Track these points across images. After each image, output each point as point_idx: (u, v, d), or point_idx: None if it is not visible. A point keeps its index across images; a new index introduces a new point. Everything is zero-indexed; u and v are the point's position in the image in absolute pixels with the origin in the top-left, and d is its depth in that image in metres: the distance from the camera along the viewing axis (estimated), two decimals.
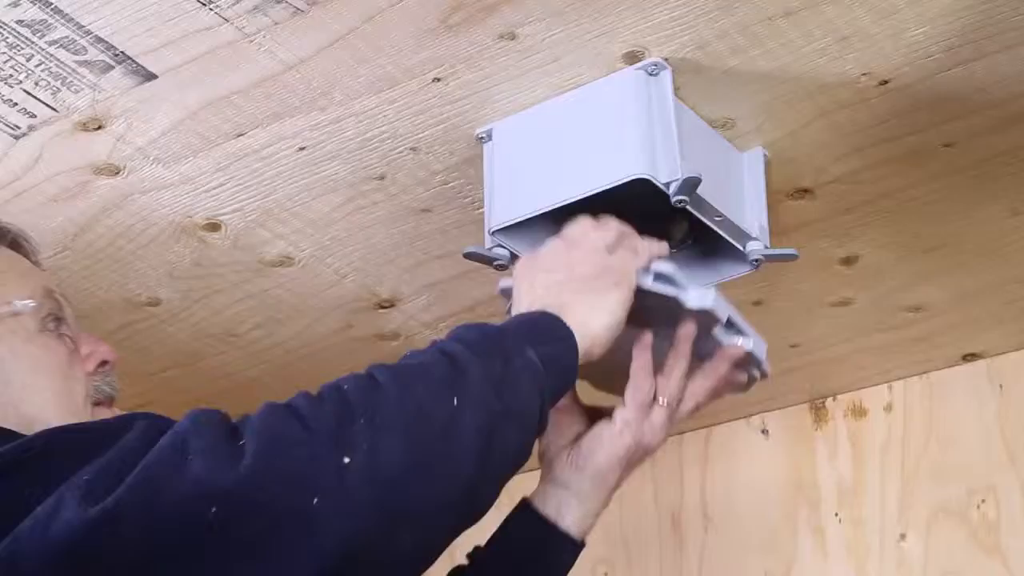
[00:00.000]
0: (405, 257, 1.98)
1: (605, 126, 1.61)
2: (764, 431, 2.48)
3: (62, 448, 1.18)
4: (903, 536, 2.29)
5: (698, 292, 1.52)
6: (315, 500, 1.10)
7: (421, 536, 1.19)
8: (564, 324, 1.38)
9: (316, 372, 2.25)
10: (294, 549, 1.10)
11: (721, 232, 1.64)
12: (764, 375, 1.64)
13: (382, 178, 1.81)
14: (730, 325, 1.58)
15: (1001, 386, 2.29)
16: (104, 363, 1.51)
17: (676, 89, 1.61)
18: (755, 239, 1.68)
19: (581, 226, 1.51)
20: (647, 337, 1.54)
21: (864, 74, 1.62)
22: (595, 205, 1.56)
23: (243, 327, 2.15)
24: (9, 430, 1.32)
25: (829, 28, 1.55)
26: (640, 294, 1.50)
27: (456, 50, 1.59)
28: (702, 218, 1.62)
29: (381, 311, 2.11)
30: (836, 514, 2.36)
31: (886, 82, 1.63)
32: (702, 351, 1.57)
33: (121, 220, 1.86)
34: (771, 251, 1.69)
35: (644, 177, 1.54)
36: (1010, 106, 1.68)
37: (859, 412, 2.40)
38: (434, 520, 1.19)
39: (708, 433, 2.53)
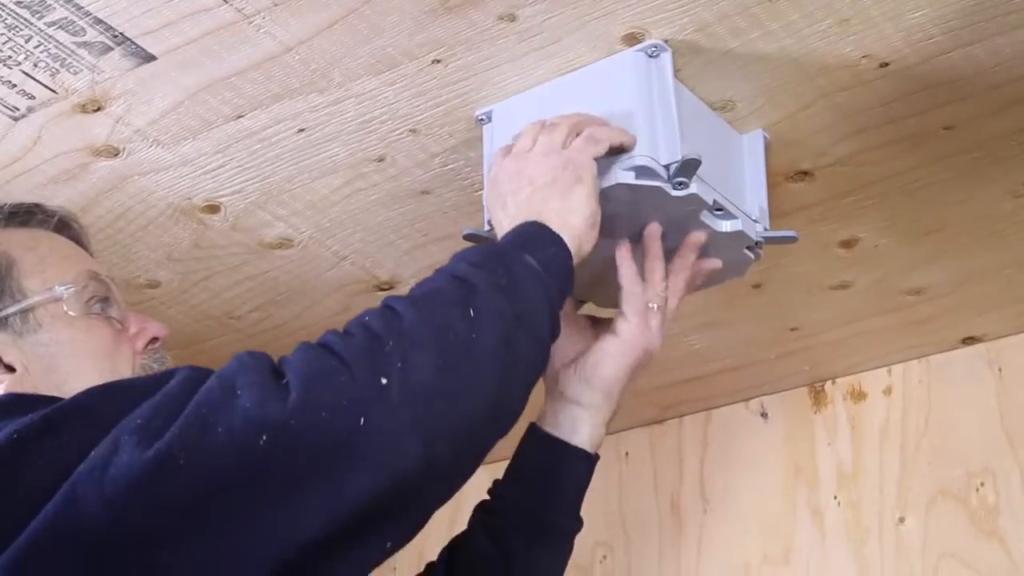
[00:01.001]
0: (404, 239, 1.98)
1: (605, 109, 1.60)
2: (763, 414, 2.48)
3: (111, 397, 1.23)
4: (902, 519, 2.29)
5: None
6: (361, 422, 1.16)
7: (459, 448, 1.23)
8: (548, 228, 1.43)
9: None
10: (346, 471, 1.15)
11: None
12: (758, 256, 1.67)
13: (382, 160, 1.80)
14: (718, 209, 1.59)
15: (1000, 369, 2.29)
16: (154, 340, 1.52)
17: (676, 71, 1.61)
18: (755, 220, 1.68)
19: (528, 135, 1.55)
20: (625, 246, 1.60)
21: (864, 56, 1.62)
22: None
23: (242, 309, 2.15)
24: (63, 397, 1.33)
25: (830, 10, 1.55)
26: (614, 194, 1.53)
27: (456, 32, 1.59)
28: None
29: (380, 293, 2.11)
30: (835, 497, 2.37)
31: (886, 64, 1.63)
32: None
33: (120, 202, 1.86)
34: (771, 233, 1.69)
35: (644, 164, 1.55)
36: (1010, 88, 1.68)
37: (858, 395, 2.40)
38: (469, 431, 1.24)
39: (707, 416, 2.54)
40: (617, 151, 1.54)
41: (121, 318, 1.50)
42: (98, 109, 1.70)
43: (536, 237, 1.42)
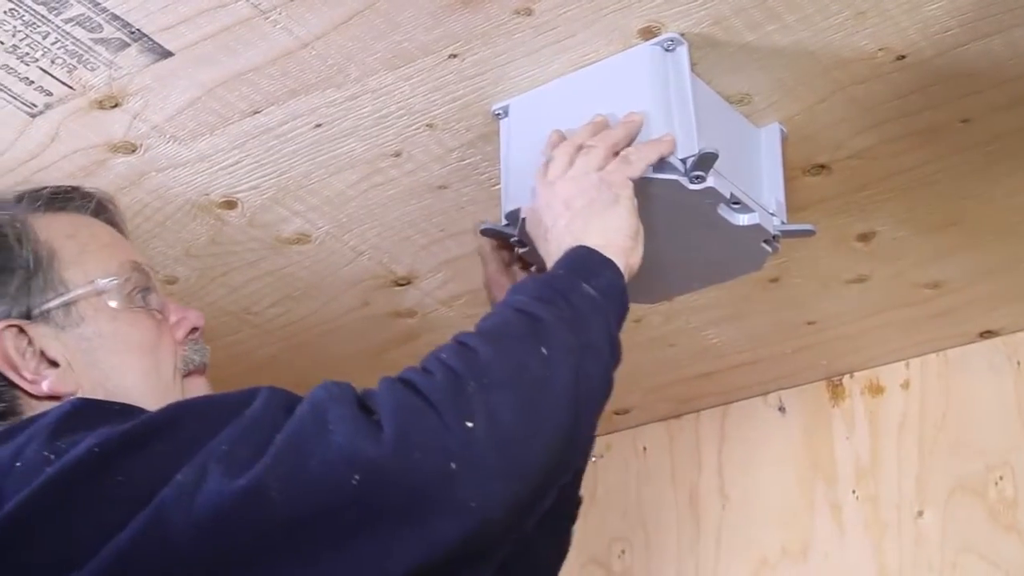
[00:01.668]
0: (422, 234, 1.98)
1: (621, 102, 1.60)
2: (781, 408, 2.48)
3: (192, 418, 1.23)
4: (920, 513, 2.29)
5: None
6: (452, 466, 1.17)
7: (540, 484, 1.24)
8: (597, 252, 1.42)
9: (333, 350, 2.26)
10: (436, 514, 1.16)
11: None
12: (776, 249, 1.66)
13: (398, 155, 1.81)
14: (735, 202, 1.59)
15: (1018, 363, 2.28)
16: (194, 330, 1.50)
17: (692, 64, 1.61)
18: (772, 214, 1.68)
19: (562, 158, 1.54)
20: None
21: (881, 49, 1.62)
22: None
23: (260, 305, 2.15)
24: (133, 406, 1.33)
25: (846, 3, 1.55)
26: (640, 190, 1.53)
27: (472, 26, 1.59)
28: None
29: (398, 288, 2.11)
30: (853, 491, 2.37)
31: (903, 57, 1.63)
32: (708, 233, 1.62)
33: (138, 198, 1.86)
34: (788, 227, 1.69)
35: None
36: None
37: (876, 389, 2.40)
38: (549, 467, 1.24)
39: (725, 411, 2.54)
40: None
41: (161, 308, 1.49)
42: (115, 105, 1.70)
43: (588, 263, 1.42)
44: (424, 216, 1.94)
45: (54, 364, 1.40)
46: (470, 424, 1.19)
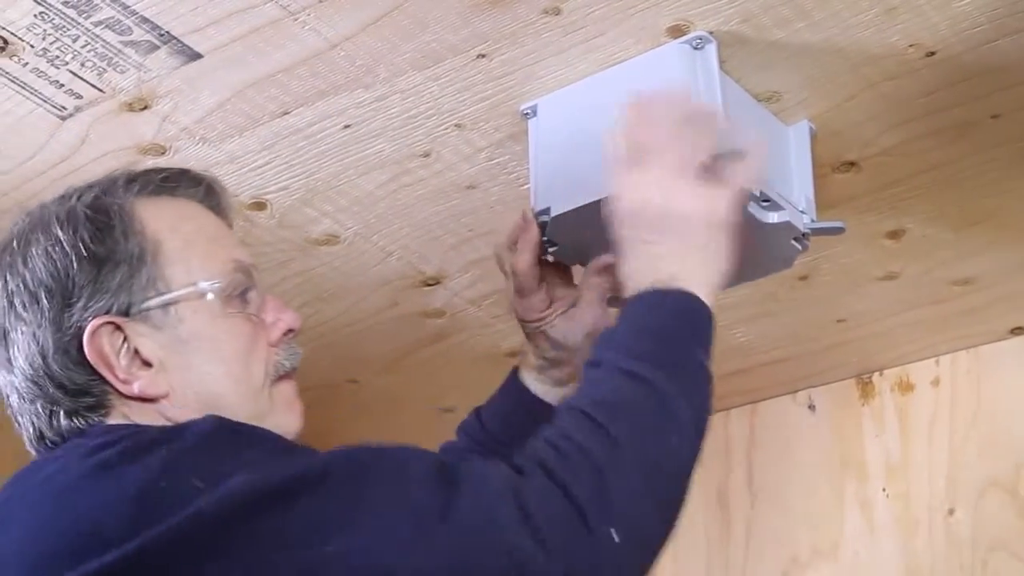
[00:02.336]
0: (450, 234, 1.98)
1: None
2: (811, 406, 2.48)
3: (353, 472, 1.21)
4: (951, 511, 2.28)
5: None
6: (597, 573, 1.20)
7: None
8: (707, 306, 1.38)
9: (362, 350, 2.27)
10: None
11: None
12: (805, 247, 1.66)
13: (427, 155, 1.81)
14: (764, 200, 1.58)
15: None
16: (289, 331, 1.46)
17: (721, 63, 1.61)
18: (802, 212, 1.68)
19: (671, 150, 1.43)
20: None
21: (911, 45, 1.61)
22: None
23: (290, 306, 2.13)
24: (268, 430, 1.30)
25: None
26: None
27: (500, 26, 1.59)
28: None
29: (427, 288, 2.12)
30: (884, 489, 2.36)
31: (933, 53, 1.62)
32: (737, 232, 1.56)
33: None
34: (818, 224, 1.69)
35: None
36: None
37: (906, 387, 2.39)
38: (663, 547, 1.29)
39: (754, 409, 2.53)
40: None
41: (259, 309, 1.44)
42: (145, 108, 1.70)
43: (701, 323, 1.38)
44: (453, 216, 1.94)
45: (147, 364, 1.35)
46: (616, 537, 1.21)
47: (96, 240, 1.36)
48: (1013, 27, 1.58)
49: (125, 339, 1.35)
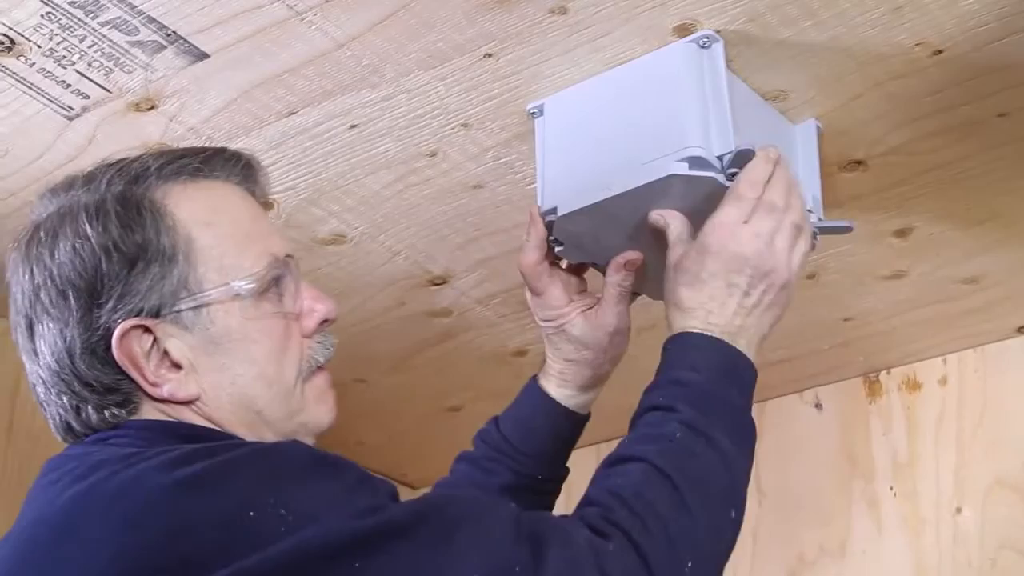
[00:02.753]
0: (457, 233, 1.98)
1: (657, 100, 1.60)
2: (818, 405, 2.48)
3: (442, 521, 1.21)
4: (959, 509, 2.28)
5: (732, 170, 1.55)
6: None
7: None
8: (755, 367, 1.47)
9: (369, 349, 2.27)
10: None
11: None
12: (813, 246, 1.66)
13: (433, 155, 1.81)
14: None
15: None
16: (324, 322, 1.42)
17: (728, 62, 1.61)
18: (809, 211, 1.67)
19: (766, 223, 1.48)
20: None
21: (917, 44, 1.61)
22: None
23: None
24: (339, 456, 1.27)
25: None
26: (667, 186, 1.54)
27: (507, 25, 1.59)
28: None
29: (434, 288, 2.12)
30: (891, 488, 2.36)
31: (940, 52, 1.62)
32: None
33: None
34: (826, 223, 1.69)
35: (697, 155, 1.54)
36: None
37: (913, 385, 2.39)
38: None
39: (761, 407, 2.52)
40: None
41: (294, 298, 1.39)
42: (152, 108, 1.71)
43: (750, 382, 1.46)
44: (459, 216, 1.94)
45: (176, 366, 1.32)
46: None
47: (126, 238, 1.32)
48: (1020, 25, 1.58)
49: (155, 340, 1.32)
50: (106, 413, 1.32)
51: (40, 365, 1.34)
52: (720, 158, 1.54)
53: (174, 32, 1.59)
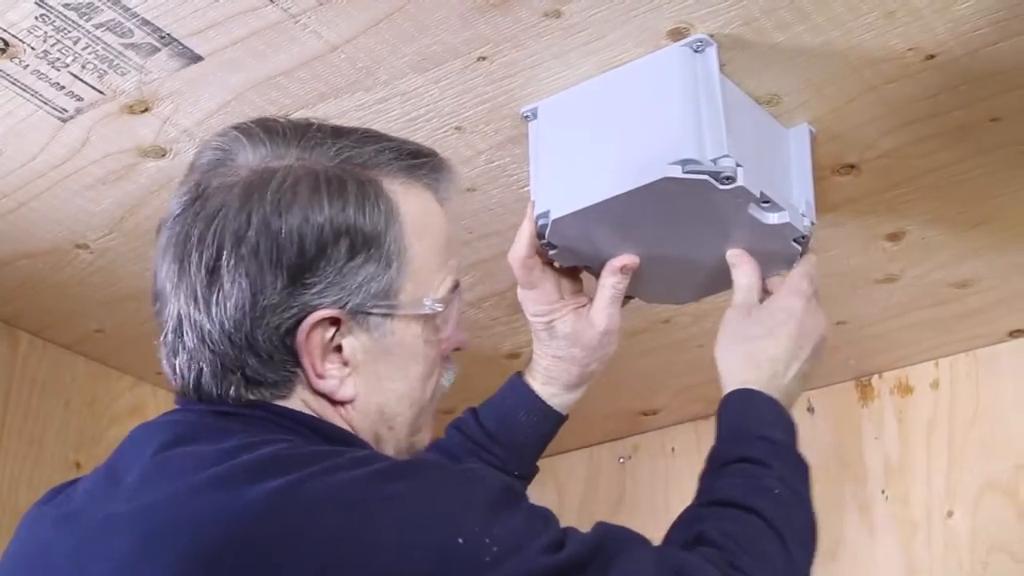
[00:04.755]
0: None
1: (651, 104, 1.60)
2: (810, 409, 2.48)
3: (611, 549, 1.23)
4: (950, 513, 2.28)
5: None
6: None
7: None
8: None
9: None
10: None
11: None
12: (806, 249, 1.66)
13: None
14: (765, 201, 1.59)
15: None
16: (456, 349, 1.40)
17: (722, 65, 1.61)
18: (802, 214, 1.68)
19: (803, 314, 1.62)
20: None
21: (910, 48, 1.61)
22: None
23: None
24: (522, 495, 1.27)
25: (875, 2, 1.54)
26: (660, 189, 1.54)
27: (501, 28, 1.59)
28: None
29: None
30: (883, 491, 2.36)
31: (932, 56, 1.62)
32: (737, 234, 1.63)
33: (168, 202, 1.86)
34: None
35: (691, 158, 1.54)
36: None
37: (905, 389, 2.39)
38: None
39: None
40: None
41: (449, 328, 1.37)
42: (145, 110, 1.71)
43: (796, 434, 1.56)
44: (453, 218, 1.91)
45: (343, 363, 1.28)
46: None
47: (359, 226, 1.28)
48: (1013, 30, 1.58)
49: (335, 333, 1.27)
50: (252, 391, 1.27)
51: (208, 315, 1.25)
52: (713, 161, 1.55)
53: (168, 34, 1.59)
